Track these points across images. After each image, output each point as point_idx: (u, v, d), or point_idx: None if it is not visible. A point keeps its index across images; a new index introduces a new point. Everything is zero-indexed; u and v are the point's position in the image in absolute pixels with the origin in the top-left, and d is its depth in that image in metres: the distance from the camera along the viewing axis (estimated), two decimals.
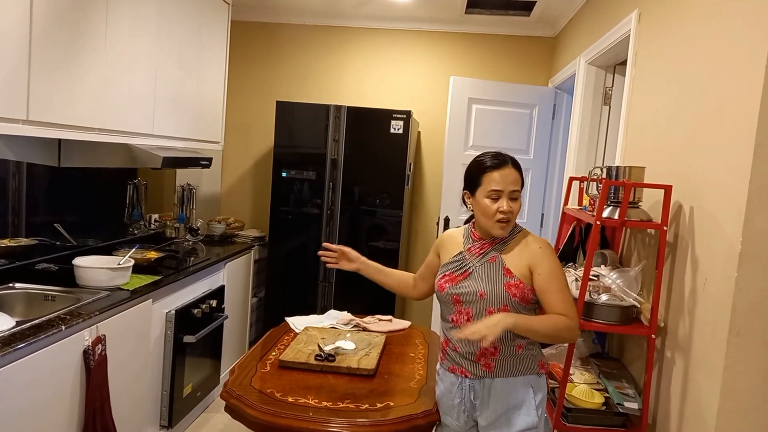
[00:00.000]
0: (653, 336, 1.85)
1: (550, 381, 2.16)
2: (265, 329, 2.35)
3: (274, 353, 2.09)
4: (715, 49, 1.72)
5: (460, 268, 1.72)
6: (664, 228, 1.84)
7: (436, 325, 3.99)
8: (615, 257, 2.28)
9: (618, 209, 1.93)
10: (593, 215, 1.98)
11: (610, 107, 3.27)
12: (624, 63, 2.71)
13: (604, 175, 2.06)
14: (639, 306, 1.94)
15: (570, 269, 2.27)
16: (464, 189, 1.74)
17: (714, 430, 1.53)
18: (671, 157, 1.96)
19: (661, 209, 1.86)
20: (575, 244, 2.52)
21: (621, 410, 1.90)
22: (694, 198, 1.77)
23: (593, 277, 2.04)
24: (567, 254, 2.52)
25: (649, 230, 2.08)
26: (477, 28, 4.26)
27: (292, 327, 2.42)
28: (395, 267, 3.76)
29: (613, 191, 2.00)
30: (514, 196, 1.65)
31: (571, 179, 2.52)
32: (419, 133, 4.38)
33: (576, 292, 1.99)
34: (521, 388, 1.67)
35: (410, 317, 4.43)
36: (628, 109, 2.53)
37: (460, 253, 1.75)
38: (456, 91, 3.89)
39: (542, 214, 4.12)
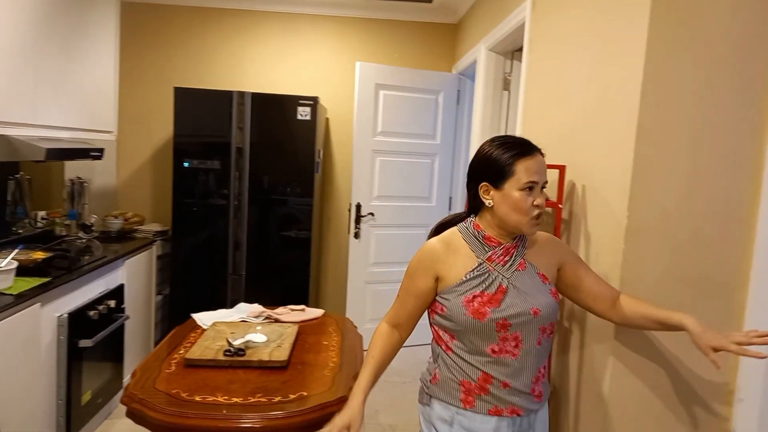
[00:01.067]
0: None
1: None
2: (172, 328, 2.24)
3: (180, 352, 2.00)
4: (600, 36, 1.82)
5: (491, 285, 1.38)
6: (560, 206, 1.94)
7: (350, 312, 4.00)
8: None
9: None
10: None
11: (509, 92, 3.39)
12: (521, 50, 2.82)
13: None
14: None
15: None
16: (482, 181, 1.41)
17: (607, 392, 1.64)
18: (564, 139, 2.06)
19: (556, 189, 1.96)
20: None
21: None
22: (585, 177, 1.87)
23: None
24: None
25: (546, 208, 2.18)
26: (382, 13, 4.26)
27: (199, 323, 2.32)
28: (308, 256, 3.73)
29: None
30: (544, 187, 1.41)
31: None
32: (328, 119, 4.34)
33: None
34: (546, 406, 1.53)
35: (325, 305, 4.41)
36: (525, 95, 2.64)
37: (480, 265, 1.40)
38: (363, 77, 3.88)
39: (450, 198, 4.23)
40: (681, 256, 1.58)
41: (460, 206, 4.11)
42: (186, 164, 3.66)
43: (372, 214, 4.00)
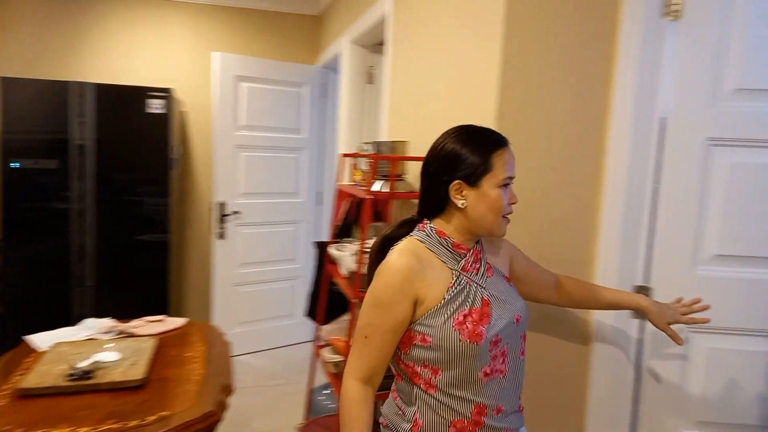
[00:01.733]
0: None
1: (334, 356, 2.17)
2: (3, 353, 1.92)
3: (12, 382, 1.72)
4: (459, 28, 1.86)
5: (475, 299, 1.19)
6: None
7: (218, 318, 3.77)
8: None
9: (387, 183, 2.00)
10: (365, 190, 2.02)
11: (373, 85, 3.39)
12: (384, 43, 2.83)
13: (372, 151, 2.11)
14: None
15: (348, 244, 2.30)
16: (453, 179, 1.19)
17: None
18: (429, 130, 2.09)
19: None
20: (351, 220, 2.57)
21: None
22: None
23: (369, 249, 2.09)
24: (344, 230, 2.56)
25: (413, 200, 2.20)
26: (241, 2, 4.05)
27: (36, 346, 2.02)
28: (166, 261, 3.45)
29: (381, 166, 2.06)
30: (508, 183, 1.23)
31: (343, 156, 2.55)
32: (185, 113, 4.04)
33: (354, 266, 2.02)
34: None
35: (188, 313, 4.13)
36: (390, 88, 2.64)
37: (459, 277, 1.20)
38: (221, 69, 3.66)
39: (320, 193, 4.16)
40: (540, 239, 1.66)
41: (328, 200, 4.06)
42: (16, 164, 3.19)
43: (237, 212, 3.80)
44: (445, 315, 1.15)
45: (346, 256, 2.14)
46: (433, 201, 1.22)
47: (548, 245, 1.67)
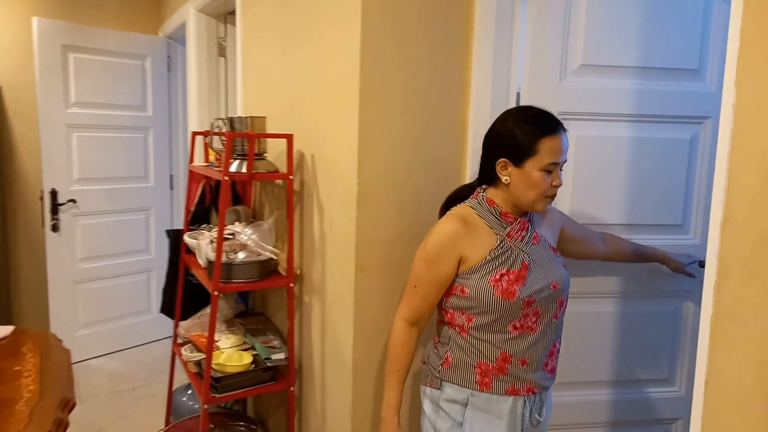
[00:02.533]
0: (291, 285, 1.87)
1: (195, 354, 2.01)
2: None
3: None
4: (315, 1, 1.75)
5: (515, 262, 1.32)
6: (290, 177, 1.85)
7: (56, 322, 3.34)
8: (248, 212, 2.22)
9: (245, 162, 1.85)
10: (221, 171, 1.85)
11: (226, 58, 3.16)
12: (235, 12, 2.62)
13: (227, 128, 1.94)
14: (276, 257, 1.93)
15: (205, 231, 2.12)
16: (500, 156, 1.30)
17: (351, 359, 1.63)
18: (290, 106, 1.97)
19: (286, 159, 1.86)
20: (207, 204, 2.38)
21: (270, 364, 1.89)
22: (314, 146, 1.81)
23: (229, 236, 1.93)
24: (200, 215, 2.36)
25: (277, 181, 2.08)
26: None
27: None
28: None
29: (239, 144, 1.90)
30: (562, 167, 1.34)
31: (194, 134, 2.34)
32: (1, 89, 3.46)
33: (213, 255, 1.85)
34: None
35: (19, 320, 3.61)
36: (243, 61, 2.46)
37: (502, 242, 1.32)
38: (43, 37, 3.18)
39: (171, 176, 3.83)
40: (407, 218, 1.64)
41: (184, 184, 3.75)
42: None
43: (74, 201, 3.37)
44: (484, 271, 1.30)
45: (204, 244, 1.96)
46: (486, 173, 1.36)
47: (415, 225, 1.65)
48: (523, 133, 1.28)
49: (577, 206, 1.70)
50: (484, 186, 1.38)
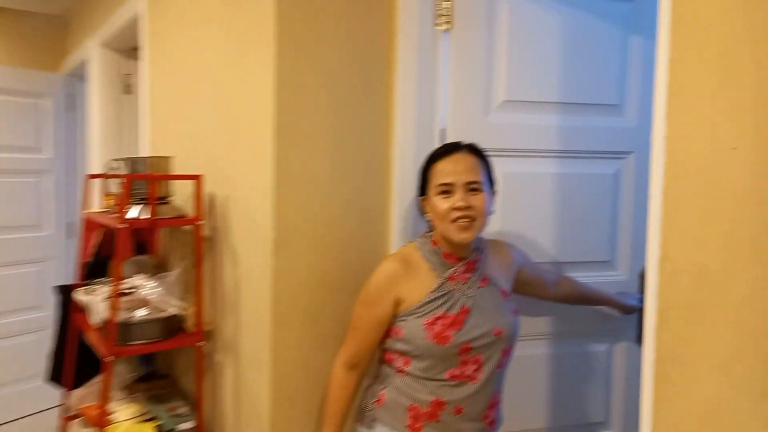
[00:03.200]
0: (200, 343, 1.67)
1: (87, 430, 1.74)
2: None
3: None
4: (228, 30, 1.62)
5: (454, 305, 1.26)
6: (199, 222, 1.67)
7: None
8: (152, 263, 2.00)
9: (147, 207, 1.65)
10: (117, 217, 1.64)
11: (132, 95, 2.95)
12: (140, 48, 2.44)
13: (126, 169, 1.75)
14: (183, 313, 1.72)
15: (98, 287, 1.88)
16: (418, 195, 1.35)
17: (270, 425, 1.45)
18: (200, 145, 1.80)
19: (193, 202, 1.68)
20: (105, 255, 2.13)
21: None
22: (226, 187, 1.65)
23: (129, 291, 1.71)
24: (98, 268, 2.10)
25: (186, 227, 1.89)
26: None
27: None
28: None
29: (141, 187, 1.70)
30: (474, 188, 1.25)
31: (89, 177, 2.10)
32: None
33: (107, 313, 1.62)
34: None
35: None
36: (150, 98, 2.28)
37: (442, 284, 1.28)
38: None
39: (70, 223, 3.48)
40: (329, 263, 1.50)
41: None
42: None
43: None
44: (420, 314, 1.26)
45: (97, 301, 1.72)
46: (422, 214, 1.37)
47: (337, 269, 1.51)
48: (424, 164, 1.34)
49: None
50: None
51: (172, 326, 1.69)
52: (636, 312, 1.67)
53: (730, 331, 0.81)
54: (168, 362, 2.04)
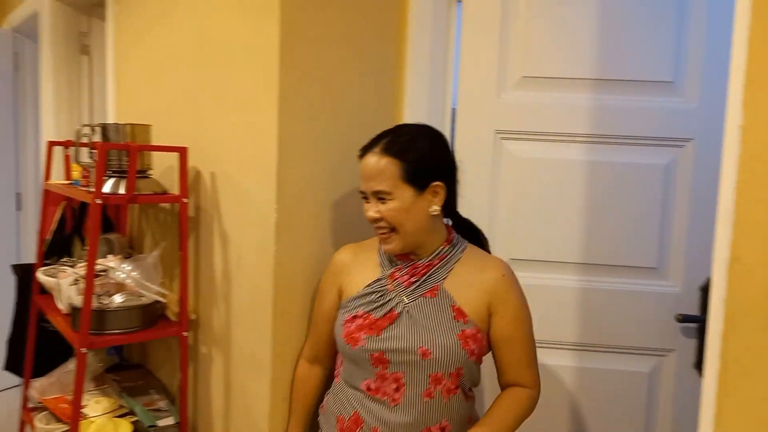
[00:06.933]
0: (185, 333, 1.52)
1: (52, 426, 1.57)
2: None
3: None
4: None
5: (381, 306, 1.11)
6: (184, 200, 1.50)
7: None
8: (125, 242, 1.82)
9: (124, 181, 1.48)
10: (92, 192, 1.46)
11: (90, 57, 2.69)
12: (102, 4, 2.19)
13: (98, 137, 1.55)
14: (164, 299, 1.56)
15: (67, 266, 1.69)
16: None
17: (268, 426, 1.33)
18: (183, 114, 1.63)
19: (176, 178, 1.51)
20: (69, 231, 1.92)
21: None
22: (215, 162, 1.49)
23: (100, 273, 1.54)
24: (58, 246, 1.89)
25: (164, 204, 1.71)
26: None
27: None
28: None
29: (114, 158, 1.52)
30: (381, 197, 1.09)
31: (51, 144, 1.88)
32: None
33: (78, 299, 1.45)
34: None
35: None
36: (116, 60, 2.06)
37: (378, 280, 1.15)
38: None
39: (18, 194, 3.19)
40: (331, 247, 1.38)
41: (35, 205, 3.13)
42: None
43: None
44: (348, 308, 1.15)
45: (65, 284, 1.54)
46: None
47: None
48: None
49: (517, 240, 1.49)
50: None
51: (152, 314, 1.53)
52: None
53: None
54: (140, 351, 1.88)
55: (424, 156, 1.10)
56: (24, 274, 1.87)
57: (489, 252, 1.25)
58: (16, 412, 1.97)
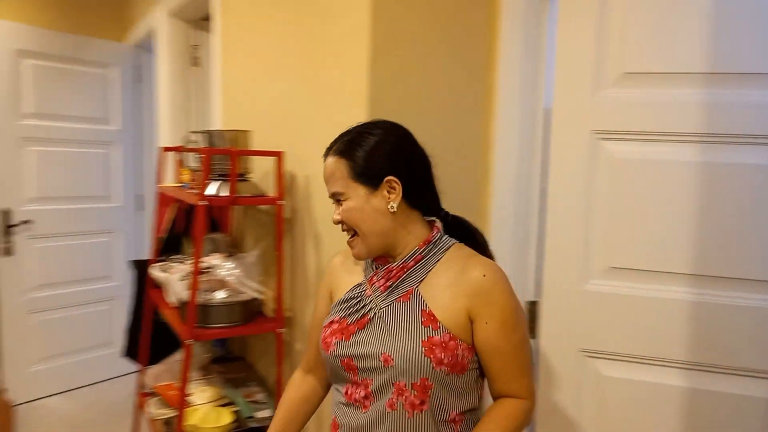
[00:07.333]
0: (281, 330, 1.59)
1: (163, 411, 1.71)
2: None
3: None
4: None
5: (357, 311, 1.06)
6: (280, 202, 1.57)
7: (10, 356, 2.97)
8: (228, 241, 1.94)
9: (226, 184, 1.58)
10: (197, 194, 1.57)
11: (199, 67, 2.88)
12: (210, 17, 2.35)
13: (204, 143, 1.67)
14: (261, 297, 1.65)
15: (175, 264, 1.83)
16: None
17: None
18: (280, 120, 1.70)
19: (273, 181, 1.59)
20: (179, 231, 2.08)
21: (253, 424, 1.59)
22: (309, 166, 1.55)
23: (205, 270, 1.65)
24: (170, 244, 2.06)
25: (262, 207, 1.80)
26: None
27: None
28: None
29: (217, 162, 1.62)
30: (338, 198, 1.05)
31: (164, 149, 2.05)
32: None
33: (185, 294, 1.57)
34: None
35: None
36: (222, 70, 2.19)
37: (359, 285, 1.09)
38: None
39: (137, 196, 3.50)
40: None
41: (152, 205, 3.42)
42: None
43: (28, 221, 3.02)
44: (330, 313, 1.11)
45: (174, 279, 1.67)
46: None
47: None
48: None
49: (616, 248, 1.39)
50: None
51: (250, 310, 1.62)
52: None
53: None
54: (242, 345, 1.99)
55: (370, 152, 1.03)
56: (140, 269, 2.05)
57: (489, 254, 1.12)
58: (132, 397, 2.16)
